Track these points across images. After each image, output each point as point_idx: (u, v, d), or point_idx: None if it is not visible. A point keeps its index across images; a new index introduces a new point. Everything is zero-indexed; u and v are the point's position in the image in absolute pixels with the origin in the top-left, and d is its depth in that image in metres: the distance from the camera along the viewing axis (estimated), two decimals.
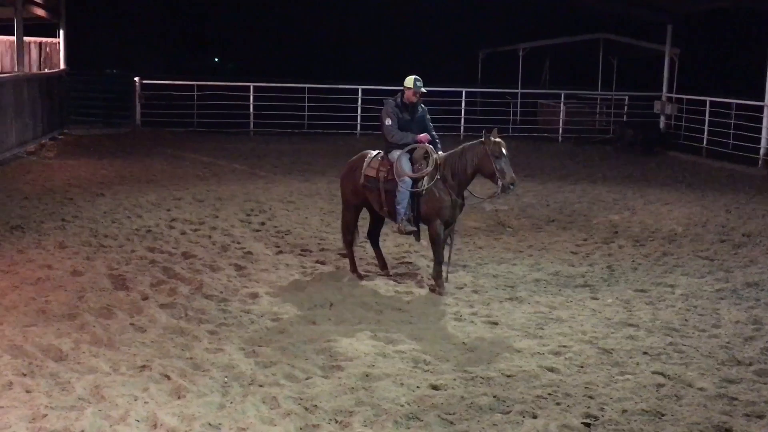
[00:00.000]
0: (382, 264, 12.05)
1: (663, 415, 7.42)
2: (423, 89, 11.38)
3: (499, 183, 10.79)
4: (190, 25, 45.08)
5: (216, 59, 47.39)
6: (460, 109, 30.44)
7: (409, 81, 11.36)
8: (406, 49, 43.39)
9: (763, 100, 25.02)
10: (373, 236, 12.20)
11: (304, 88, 29.95)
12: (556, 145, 29.72)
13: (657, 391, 7.93)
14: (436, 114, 27.51)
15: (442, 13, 41.74)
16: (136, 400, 7.36)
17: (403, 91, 11.43)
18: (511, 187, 10.84)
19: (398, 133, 11.30)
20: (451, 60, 40.46)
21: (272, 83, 29.93)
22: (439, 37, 42.73)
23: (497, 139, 10.81)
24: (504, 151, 10.80)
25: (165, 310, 9.87)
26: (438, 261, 11.22)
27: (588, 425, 7.20)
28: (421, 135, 11.30)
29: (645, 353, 8.91)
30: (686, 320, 10.14)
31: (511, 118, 32.10)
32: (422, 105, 11.64)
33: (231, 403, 7.40)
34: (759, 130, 24.92)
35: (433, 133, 11.56)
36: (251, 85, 29.54)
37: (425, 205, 11.13)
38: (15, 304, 9.77)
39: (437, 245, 11.17)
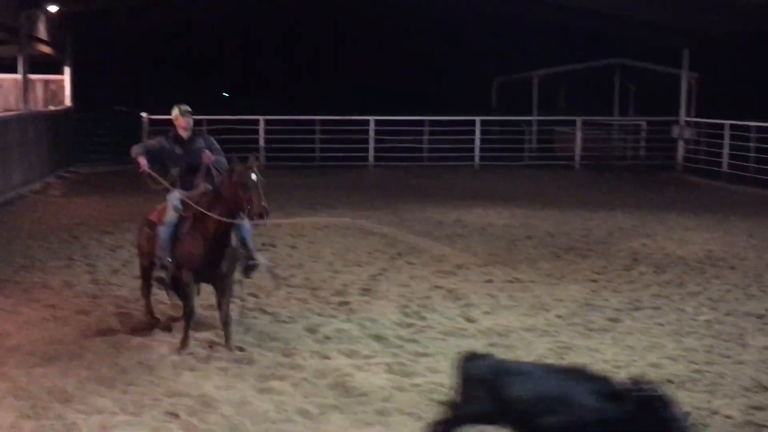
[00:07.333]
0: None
1: None
2: (190, 116, 10.16)
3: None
4: (198, 59, 44.96)
5: (225, 94, 47.09)
6: (474, 138, 30.01)
7: (175, 112, 10.15)
8: (419, 79, 43.35)
9: None
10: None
11: (314, 120, 29.91)
12: (574, 172, 29.48)
13: None
14: (450, 143, 27.75)
15: (456, 42, 41.65)
16: None
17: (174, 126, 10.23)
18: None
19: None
20: (465, 88, 40.27)
21: (283, 116, 29.85)
22: (453, 65, 42.60)
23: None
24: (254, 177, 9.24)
25: (173, 347, 9.60)
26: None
27: None
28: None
29: (669, 381, 8.58)
30: (711, 347, 9.85)
31: (527, 146, 31.83)
32: (204, 135, 10.41)
33: None
34: None
35: (220, 157, 10.10)
36: (261, 118, 29.40)
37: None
38: (19, 345, 9.53)
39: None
